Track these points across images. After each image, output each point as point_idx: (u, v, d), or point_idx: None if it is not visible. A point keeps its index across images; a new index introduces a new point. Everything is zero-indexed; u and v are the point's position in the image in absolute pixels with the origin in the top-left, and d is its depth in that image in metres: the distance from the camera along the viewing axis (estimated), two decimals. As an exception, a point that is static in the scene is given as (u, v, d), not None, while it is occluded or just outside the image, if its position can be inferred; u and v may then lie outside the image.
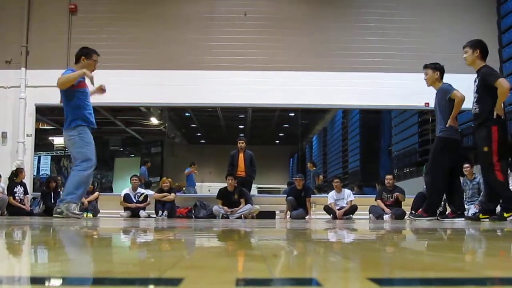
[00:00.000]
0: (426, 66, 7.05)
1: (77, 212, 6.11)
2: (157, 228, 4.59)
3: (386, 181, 10.40)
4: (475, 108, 6.25)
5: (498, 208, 6.45)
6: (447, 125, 6.57)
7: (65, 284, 1.10)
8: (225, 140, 16.44)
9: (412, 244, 2.82)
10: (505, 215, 6.19)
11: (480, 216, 6.35)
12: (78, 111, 6.24)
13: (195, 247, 2.34)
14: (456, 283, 1.12)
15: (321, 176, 13.85)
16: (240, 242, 2.75)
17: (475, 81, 6.33)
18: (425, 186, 7.58)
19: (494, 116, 6.05)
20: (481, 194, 9.85)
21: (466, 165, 10.05)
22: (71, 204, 6.03)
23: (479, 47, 6.29)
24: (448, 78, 11.27)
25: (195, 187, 14.26)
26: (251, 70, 11.68)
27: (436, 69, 6.93)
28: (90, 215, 10.09)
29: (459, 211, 6.88)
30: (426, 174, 7.41)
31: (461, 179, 10.22)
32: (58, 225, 4.55)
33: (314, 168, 13.79)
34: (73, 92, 6.23)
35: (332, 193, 10.76)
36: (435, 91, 6.98)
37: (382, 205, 10.16)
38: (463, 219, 6.88)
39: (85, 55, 6.39)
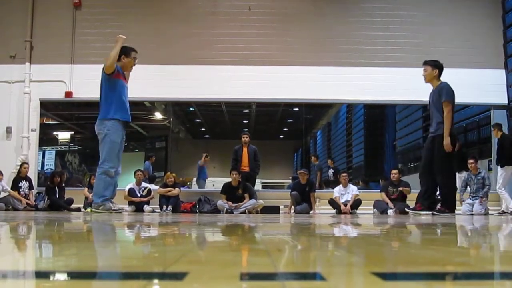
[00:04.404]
0: (426, 63, 6.93)
1: (115, 207, 6.64)
2: (162, 223, 4.60)
3: (391, 175, 10.37)
4: None
5: None
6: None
7: (72, 278, 1.10)
8: (229, 134, 16.49)
9: (415, 238, 2.82)
10: None
11: None
12: (115, 101, 6.51)
13: (200, 242, 2.34)
14: (460, 278, 1.12)
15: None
16: (244, 236, 2.76)
17: None
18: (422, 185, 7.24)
19: None
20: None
21: (471, 160, 10.03)
22: (107, 204, 6.49)
23: None
24: (450, 73, 11.22)
25: (206, 180, 13.87)
26: (255, 65, 11.64)
27: (436, 67, 6.82)
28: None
29: (432, 206, 6.78)
30: (422, 174, 7.12)
31: (466, 173, 10.24)
32: (69, 220, 4.56)
33: (317, 162, 13.73)
34: (114, 82, 6.53)
35: (338, 187, 10.75)
36: (431, 88, 6.91)
37: (387, 199, 10.11)
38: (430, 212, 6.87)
39: (125, 53, 6.72)
